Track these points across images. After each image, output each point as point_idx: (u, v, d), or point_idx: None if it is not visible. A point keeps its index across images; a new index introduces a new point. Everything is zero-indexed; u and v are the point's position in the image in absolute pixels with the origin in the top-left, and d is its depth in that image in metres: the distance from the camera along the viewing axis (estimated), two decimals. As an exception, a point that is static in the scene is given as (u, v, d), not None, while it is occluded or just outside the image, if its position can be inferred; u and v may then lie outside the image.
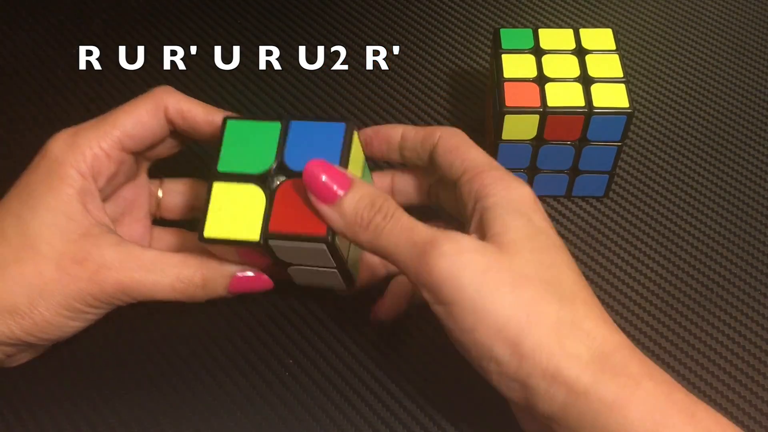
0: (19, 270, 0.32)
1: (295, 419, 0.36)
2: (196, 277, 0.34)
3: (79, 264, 0.32)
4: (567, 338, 0.28)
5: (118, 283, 0.32)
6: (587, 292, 0.30)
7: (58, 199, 0.33)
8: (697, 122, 0.48)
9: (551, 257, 0.30)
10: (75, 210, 0.33)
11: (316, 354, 0.38)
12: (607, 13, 0.55)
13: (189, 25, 0.55)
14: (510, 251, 0.29)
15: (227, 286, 0.34)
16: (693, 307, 0.39)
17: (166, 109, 0.35)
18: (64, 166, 0.33)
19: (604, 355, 0.28)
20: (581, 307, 0.29)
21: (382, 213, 0.30)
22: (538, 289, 0.28)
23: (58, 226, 0.32)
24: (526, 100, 0.40)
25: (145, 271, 0.33)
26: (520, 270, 0.29)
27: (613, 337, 0.29)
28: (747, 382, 0.37)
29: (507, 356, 0.28)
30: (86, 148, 0.34)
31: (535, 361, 0.27)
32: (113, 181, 0.36)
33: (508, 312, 0.28)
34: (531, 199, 0.32)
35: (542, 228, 0.31)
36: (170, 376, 0.37)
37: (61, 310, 0.32)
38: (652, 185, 0.45)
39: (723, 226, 0.43)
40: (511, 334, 0.28)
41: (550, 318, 0.28)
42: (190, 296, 0.34)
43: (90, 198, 0.34)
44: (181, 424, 0.35)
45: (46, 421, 0.35)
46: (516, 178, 0.32)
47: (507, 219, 0.30)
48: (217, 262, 0.34)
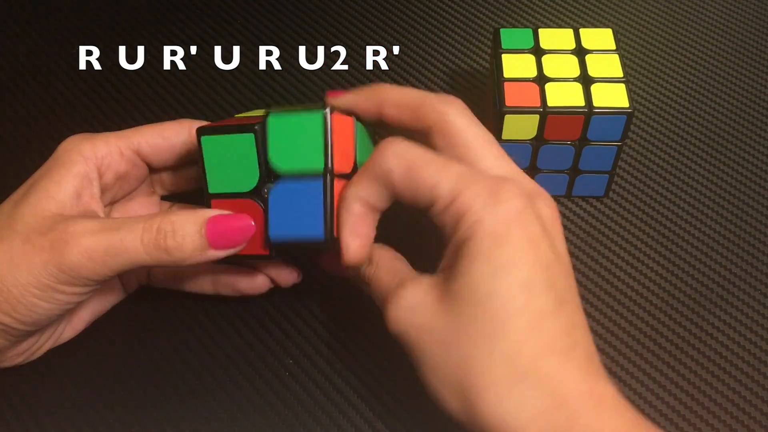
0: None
1: (295, 419, 0.36)
2: (165, 223, 0.31)
3: (43, 234, 0.31)
4: (504, 396, 0.27)
5: (81, 248, 0.30)
6: (541, 338, 0.27)
7: (49, 181, 0.33)
8: (697, 122, 0.48)
9: (499, 304, 0.27)
10: (61, 191, 0.33)
11: (316, 354, 0.38)
12: (607, 13, 0.55)
13: (189, 25, 0.55)
14: (453, 302, 0.28)
15: (202, 231, 0.31)
16: (693, 307, 0.39)
17: (191, 129, 0.35)
18: (70, 153, 0.33)
19: (547, 412, 0.26)
20: (525, 361, 0.27)
21: (367, 275, 0.32)
22: (474, 347, 0.27)
23: (37, 205, 0.32)
24: (526, 100, 0.40)
25: (110, 231, 0.31)
26: (457, 326, 0.28)
27: (564, 389, 0.26)
28: (747, 382, 0.37)
29: (456, 407, 0.28)
30: (100, 141, 0.34)
31: (473, 419, 0.27)
32: (123, 182, 0.36)
33: (446, 370, 0.28)
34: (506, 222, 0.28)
35: (504, 265, 0.27)
36: (170, 376, 0.37)
37: (28, 287, 0.31)
38: (652, 185, 0.45)
39: (723, 226, 0.43)
40: (455, 387, 0.28)
41: (487, 376, 0.27)
42: (165, 249, 0.31)
43: (86, 184, 0.33)
44: (181, 424, 0.35)
45: (47, 421, 0.35)
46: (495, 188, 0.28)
47: (467, 266, 0.28)
48: (188, 208, 0.33)
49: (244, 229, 0.32)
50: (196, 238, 0.31)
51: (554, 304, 0.28)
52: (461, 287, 0.28)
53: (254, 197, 0.33)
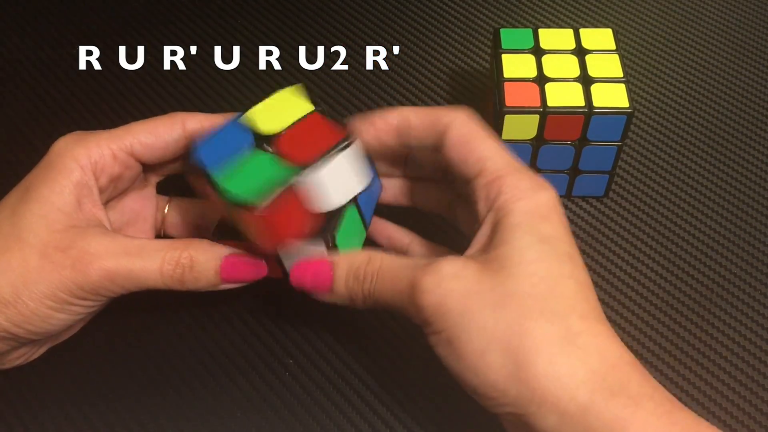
0: (5, 259, 0.31)
1: (295, 419, 0.36)
2: (184, 258, 0.32)
3: (63, 251, 0.31)
4: (557, 356, 0.27)
5: (102, 270, 0.31)
6: (587, 304, 0.28)
7: (50, 190, 0.33)
8: (697, 122, 0.48)
9: (547, 269, 0.28)
10: (65, 201, 0.33)
11: (316, 354, 0.38)
12: (607, 13, 0.55)
13: (189, 25, 0.55)
14: (496, 268, 0.28)
15: (218, 269, 0.33)
16: (693, 307, 0.39)
17: (183, 123, 0.35)
18: (65, 159, 0.33)
19: (600, 373, 0.26)
20: (576, 322, 0.27)
21: (368, 280, 0.31)
22: (524, 306, 0.27)
23: (46, 217, 0.32)
24: (526, 100, 0.40)
25: (131, 255, 0.32)
26: (505, 288, 0.28)
27: (612, 353, 0.27)
28: (747, 382, 0.37)
29: (501, 371, 0.27)
30: (93, 144, 0.34)
31: (523, 381, 0.27)
32: (117, 183, 0.36)
33: (490, 334, 0.27)
34: (548, 206, 0.30)
35: (549, 236, 0.29)
36: (170, 376, 0.37)
37: (45, 300, 0.31)
38: (652, 185, 0.45)
39: (723, 226, 0.43)
40: (502, 348, 0.27)
41: (537, 337, 0.27)
42: (179, 280, 0.33)
43: (86, 192, 0.33)
44: (181, 424, 0.35)
45: (47, 421, 0.35)
46: (537, 181, 0.31)
47: (510, 234, 0.29)
48: (207, 244, 0.33)
49: (256, 269, 0.34)
50: (211, 275, 0.33)
51: (588, 284, 0.29)
52: (508, 252, 0.29)
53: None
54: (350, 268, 0.32)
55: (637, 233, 0.43)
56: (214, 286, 0.34)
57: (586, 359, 0.27)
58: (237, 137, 0.33)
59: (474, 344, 0.28)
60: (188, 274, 0.33)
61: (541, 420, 0.27)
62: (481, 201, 0.31)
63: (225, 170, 0.31)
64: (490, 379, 0.27)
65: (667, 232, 0.43)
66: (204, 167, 0.32)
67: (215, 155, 0.32)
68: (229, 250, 0.34)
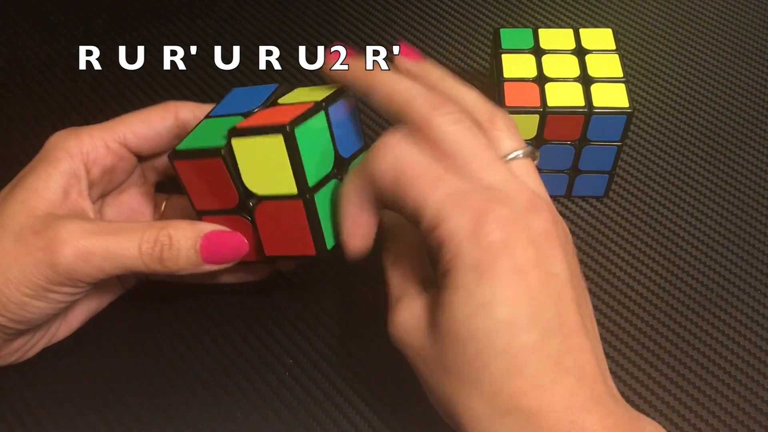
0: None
1: (295, 419, 0.36)
2: (162, 236, 0.32)
3: (37, 234, 0.31)
4: (491, 429, 0.26)
5: (76, 249, 0.30)
6: (523, 377, 0.26)
7: (36, 178, 0.33)
8: (697, 122, 0.48)
9: (478, 347, 0.27)
10: (49, 189, 0.32)
11: (316, 354, 0.38)
12: (607, 13, 0.55)
13: (189, 25, 0.55)
14: (440, 338, 0.28)
15: (197, 246, 0.32)
16: (693, 307, 0.39)
17: (176, 113, 0.35)
18: (55, 150, 0.33)
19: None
20: (506, 401, 0.26)
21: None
22: (457, 386, 0.27)
23: (26, 202, 0.32)
24: (526, 100, 0.40)
25: (108, 234, 0.31)
26: (445, 362, 0.28)
27: (542, 427, 0.26)
28: (747, 382, 0.37)
29: (452, 425, 0.28)
30: (85, 136, 0.34)
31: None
32: (112, 176, 0.36)
33: (436, 397, 0.29)
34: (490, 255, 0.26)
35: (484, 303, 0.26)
36: (170, 376, 0.37)
37: (20, 287, 0.31)
38: (652, 185, 0.45)
39: (723, 226, 0.43)
40: (446, 414, 0.29)
41: (469, 413, 0.27)
42: (159, 258, 0.32)
43: (74, 182, 0.33)
44: (180, 424, 0.35)
45: (47, 421, 0.35)
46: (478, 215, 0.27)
47: (450, 295, 0.27)
48: (186, 223, 0.33)
49: (237, 246, 0.33)
50: (191, 253, 0.32)
51: (539, 338, 0.26)
52: (446, 323, 0.27)
53: (241, 213, 0.33)
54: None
55: (637, 233, 0.43)
56: (195, 265, 0.32)
57: (525, 424, 0.26)
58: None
59: (426, 393, 0.30)
60: (167, 251, 0.32)
61: None
62: (431, 248, 0.28)
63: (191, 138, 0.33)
64: (448, 421, 0.29)
65: (667, 232, 0.43)
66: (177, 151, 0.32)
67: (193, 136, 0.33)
68: (210, 227, 0.33)
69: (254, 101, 0.34)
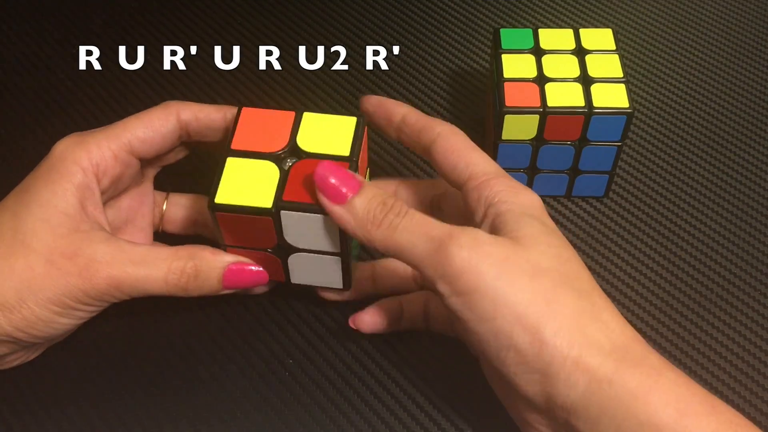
0: (8, 264, 0.32)
1: (295, 419, 0.36)
2: (188, 267, 0.33)
3: (69, 259, 0.32)
4: (587, 327, 0.28)
5: (109, 278, 0.32)
6: (600, 290, 0.30)
7: (53, 194, 0.33)
8: (697, 122, 0.48)
9: (567, 254, 0.31)
10: (68, 205, 0.33)
11: (316, 354, 0.38)
12: (607, 13, 0.55)
13: (189, 25, 0.55)
14: (527, 245, 0.30)
15: (221, 278, 0.34)
16: (693, 307, 0.39)
17: (178, 114, 0.36)
18: (66, 162, 0.33)
19: (623, 346, 0.28)
20: (598, 300, 0.29)
21: (395, 211, 0.31)
22: (557, 279, 0.29)
23: (49, 221, 0.32)
24: (526, 100, 0.40)
25: (137, 264, 0.32)
26: (538, 262, 0.29)
27: (630, 331, 0.29)
28: (747, 382, 0.37)
29: (527, 343, 0.28)
30: (93, 146, 0.34)
31: (555, 347, 0.28)
32: (118, 184, 0.36)
33: (528, 299, 0.28)
34: (541, 206, 0.32)
35: (553, 229, 0.32)
36: (170, 377, 0.37)
37: (50, 305, 0.32)
38: (652, 185, 0.45)
39: (723, 226, 0.43)
40: (531, 320, 0.28)
41: (569, 306, 0.28)
42: (183, 289, 0.33)
43: (89, 195, 0.33)
44: (180, 423, 0.35)
45: (47, 422, 0.35)
46: (524, 186, 0.33)
47: (521, 221, 0.31)
48: (210, 252, 0.34)
49: (259, 277, 0.35)
50: (214, 283, 0.34)
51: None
52: (529, 234, 0.30)
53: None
54: (380, 192, 0.31)
55: (637, 233, 0.43)
56: (216, 292, 0.34)
57: (610, 333, 0.28)
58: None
59: (508, 307, 0.28)
60: (192, 282, 0.33)
61: (570, 387, 0.27)
62: (474, 201, 0.32)
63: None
64: (521, 342, 0.28)
65: (667, 232, 0.43)
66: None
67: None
68: (233, 258, 0.34)
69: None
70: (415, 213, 0.31)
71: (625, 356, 0.28)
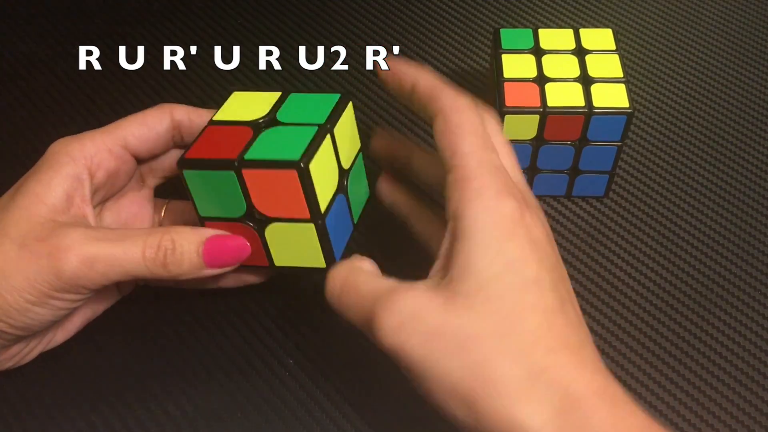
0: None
1: (295, 419, 0.36)
2: (165, 240, 0.32)
3: (41, 241, 0.31)
4: (523, 396, 0.26)
5: (80, 256, 0.31)
6: (552, 335, 0.27)
7: (38, 183, 0.32)
8: (697, 122, 0.48)
9: (511, 303, 0.27)
10: (51, 194, 0.32)
11: (316, 354, 0.38)
12: (607, 13, 0.55)
13: (189, 25, 0.55)
14: (462, 305, 0.28)
15: (200, 251, 0.32)
16: (693, 307, 0.40)
17: (172, 113, 0.36)
18: (58, 155, 0.33)
19: (564, 411, 0.26)
20: (540, 358, 0.27)
21: (345, 292, 0.31)
22: (489, 347, 0.27)
23: (28, 209, 0.32)
24: (526, 100, 0.40)
25: (112, 241, 0.31)
26: (470, 329, 0.27)
27: (579, 385, 0.26)
28: (747, 382, 0.37)
29: (465, 416, 0.27)
30: (88, 141, 0.34)
31: (490, 422, 0.26)
32: (114, 180, 0.36)
33: (457, 375, 0.27)
34: (512, 219, 0.29)
35: (513, 260, 0.28)
36: (170, 376, 0.37)
37: (23, 293, 0.31)
38: (652, 185, 0.45)
39: (723, 226, 0.43)
40: (464, 394, 0.27)
41: (503, 377, 0.26)
42: (162, 264, 0.32)
43: (77, 185, 0.33)
44: (181, 423, 0.35)
45: (47, 422, 0.35)
46: (500, 191, 0.29)
47: (472, 256, 0.28)
48: (188, 228, 0.33)
49: (239, 250, 0.34)
50: (194, 257, 0.32)
51: (560, 302, 0.28)
52: (471, 283, 0.28)
53: (246, 222, 0.33)
54: (337, 275, 0.32)
55: (637, 233, 0.43)
56: (198, 269, 0.33)
57: (550, 398, 0.26)
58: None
59: (437, 389, 0.28)
60: (170, 256, 0.32)
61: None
62: (447, 200, 0.30)
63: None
64: (457, 420, 0.28)
65: (667, 232, 0.43)
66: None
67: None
68: (212, 232, 0.33)
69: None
70: (350, 287, 0.31)
71: (567, 421, 0.26)
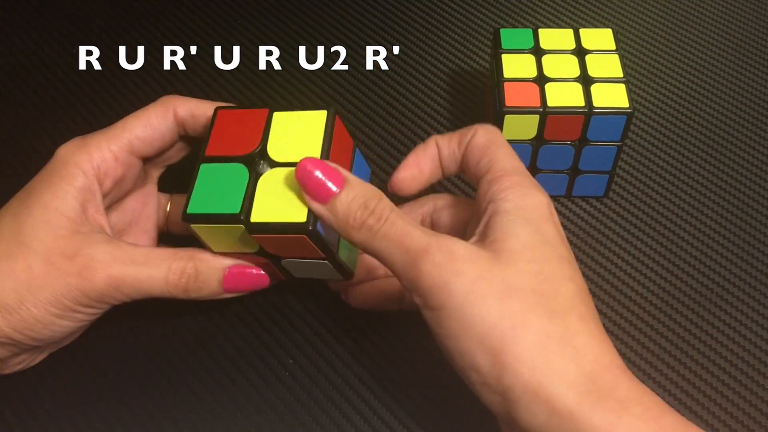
0: (8, 266, 0.32)
1: (295, 419, 0.36)
2: (189, 268, 0.33)
3: (69, 259, 0.32)
4: (554, 353, 0.27)
5: (108, 278, 0.32)
6: (585, 307, 0.29)
7: (54, 196, 0.33)
8: (697, 122, 0.48)
9: (551, 269, 0.29)
10: (69, 207, 0.33)
11: (316, 354, 0.38)
12: (607, 13, 0.55)
13: (189, 25, 0.55)
14: (505, 260, 0.29)
15: (221, 279, 0.34)
16: (693, 307, 0.39)
17: (175, 110, 0.36)
18: (68, 165, 0.33)
19: (592, 375, 0.27)
20: (574, 322, 0.28)
21: (376, 215, 0.30)
22: (529, 300, 0.28)
23: (50, 222, 0.32)
24: (526, 100, 0.40)
25: (138, 264, 0.32)
26: (512, 280, 0.28)
27: (605, 356, 0.28)
28: (747, 382, 0.37)
29: (488, 366, 0.27)
30: (94, 149, 0.34)
31: (516, 373, 0.27)
32: (121, 185, 0.36)
33: (493, 321, 0.27)
34: (545, 209, 0.31)
35: (549, 238, 0.30)
36: (170, 377, 0.37)
37: (49, 306, 0.32)
38: (652, 185, 0.45)
39: (723, 226, 0.43)
40: (493, 343, 0.27)
41: (536, 331, 0.27)
42: (184, 289, 0.33)
43: (90, 198, 0.33)
44: (181, 424, 0.35)
45: (48, 422, 0.35)
46: (535, 186, 0.32)
47: (512, 227, 0.30)
48: (210, 255, 0.34)
49: (259, 279, 0.35)
50: (214, 284, 0.34)
51: (586, 285, 0.30)
52: (515, 246, 0.29)
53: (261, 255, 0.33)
54: (362, 192, 0.30)
55: (637, 233, 0.43)
56: (216, 295, 0.34)
57: (580, 360, 0.27)
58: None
59: (468, 333, 0.28)
60: (192, 283, 0.33)
61: (530, 414, 0.27)
62: (482, 195, 0.32)
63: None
64: (479, 370, 0.28)
65: (667, 232, 0.43)
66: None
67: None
68: (232, 261, 0.34)
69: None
70: (396, 220, 0.30)
71: (591, 388, 0.26)
